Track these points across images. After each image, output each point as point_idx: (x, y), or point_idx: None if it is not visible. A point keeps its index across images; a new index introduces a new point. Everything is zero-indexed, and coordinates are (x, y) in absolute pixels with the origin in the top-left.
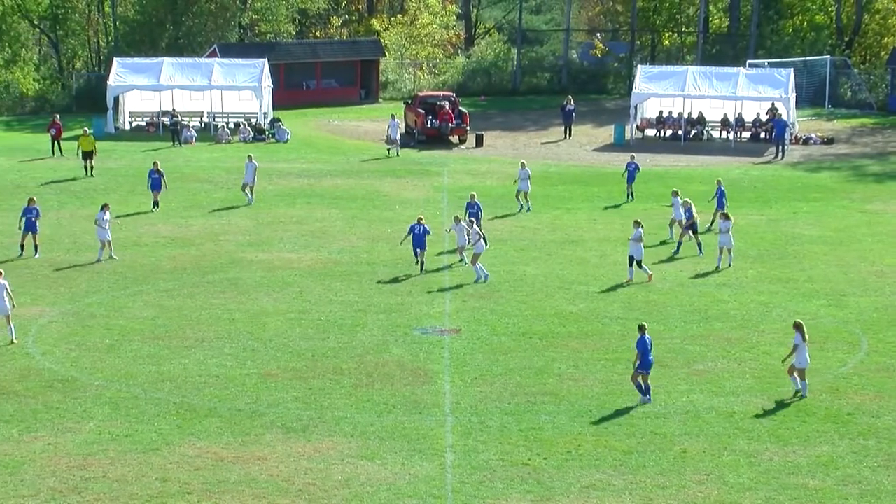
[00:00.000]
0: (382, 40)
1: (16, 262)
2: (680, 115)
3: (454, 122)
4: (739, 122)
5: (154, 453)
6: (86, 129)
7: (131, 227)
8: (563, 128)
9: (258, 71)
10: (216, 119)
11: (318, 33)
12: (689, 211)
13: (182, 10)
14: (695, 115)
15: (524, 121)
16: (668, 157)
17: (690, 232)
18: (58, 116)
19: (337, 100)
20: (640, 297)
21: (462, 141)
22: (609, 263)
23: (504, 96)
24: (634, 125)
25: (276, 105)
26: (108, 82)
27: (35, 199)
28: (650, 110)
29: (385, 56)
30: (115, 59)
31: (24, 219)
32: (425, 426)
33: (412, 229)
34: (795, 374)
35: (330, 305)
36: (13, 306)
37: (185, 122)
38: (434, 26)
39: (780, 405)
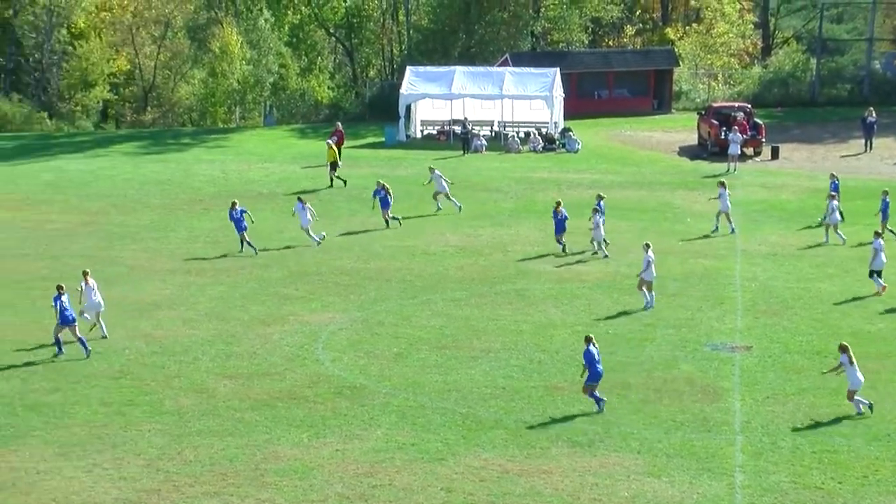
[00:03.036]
0: (676, 49)
1: (307, 270)
2: None
3: (749, 133)
4: None
5: (440, 463)
6: (328, 141)
7: (420, 235)
8: (863, 141)
9: (550, 80)
10: (506, 128)
11: (610, 42)
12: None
13: (475, 19)
14: None
15: (822, 133)
16: None
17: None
18: (339, 124)
19: (629, 110)
20: None
21: (757, 153)
22: None
23: (802, 107)
24: None
25: (568, 114)
26: (401, 90)
27: (237, 202)
28: None
29: (679, 66)
30: (408, 68)
31: (232, 220)
32: (714, 445)
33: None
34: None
35: (618, 319)
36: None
37: (476, 132)
38: (730, 35)
39: None
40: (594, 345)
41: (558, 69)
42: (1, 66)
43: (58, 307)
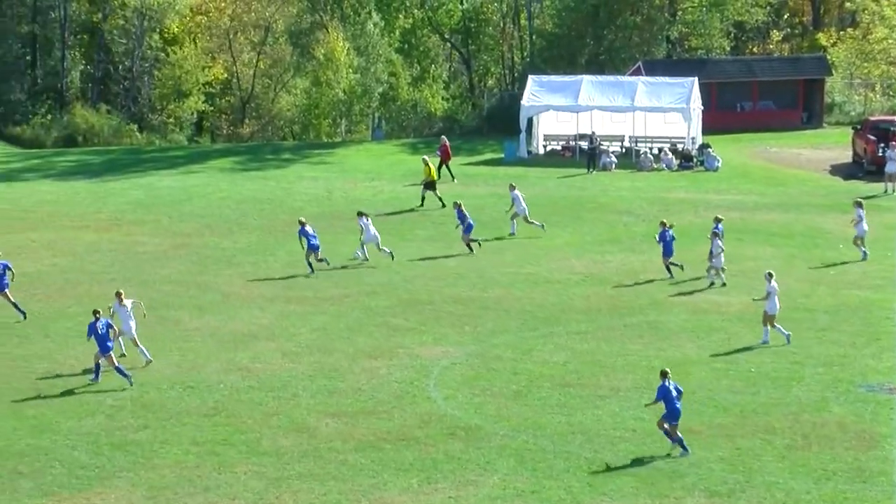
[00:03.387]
0: (829, 57)
1: (418, 299)
2: None
3: None
4: None
5: None
6: (425, 157)
7: (541, 261)
8: None
9: (687, 91)
10: (638, 144)
11: (755, 49)
12: None
13: (604, 24)
14: None
15: None
16: None
17: None
18: (444, 138)
19: (775, 124)
20: None
21: None
22: None
23: None
24: None
25: (706, 129)
26: (522, 102)
27: (304, 219)
28: None
29: (832, 75)
30: (530, 77)
31: (303, 239)
32: (870, 497)
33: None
34: None
35: (761, 355)
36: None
37: (604, 147)
38: (890, 41)
39: None
40: (671, 380)
41: (696, 79)
42: (89, 74)
43: (94, 335)
